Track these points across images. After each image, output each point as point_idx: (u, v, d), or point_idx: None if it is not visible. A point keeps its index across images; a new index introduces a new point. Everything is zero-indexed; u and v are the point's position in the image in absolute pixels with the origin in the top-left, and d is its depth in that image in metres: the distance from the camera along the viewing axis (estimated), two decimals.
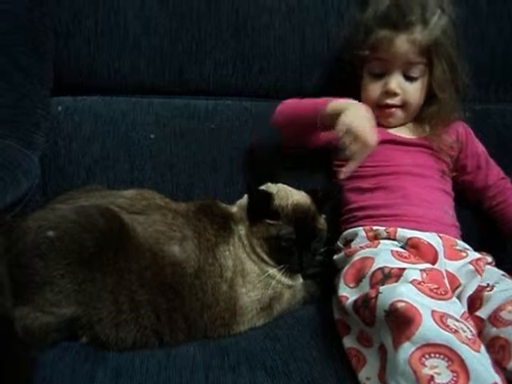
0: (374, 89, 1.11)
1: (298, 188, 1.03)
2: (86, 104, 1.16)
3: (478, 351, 0.69)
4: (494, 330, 0.79)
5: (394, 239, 0.98)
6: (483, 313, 0.84)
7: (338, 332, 0.88)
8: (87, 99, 1.17)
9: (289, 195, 0.98)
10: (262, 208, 0.94)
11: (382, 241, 0.97)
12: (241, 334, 0.90)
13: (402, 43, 1.05)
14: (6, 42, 1.06)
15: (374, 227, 1.01)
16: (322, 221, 1.00)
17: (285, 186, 1.02)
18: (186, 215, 0.94)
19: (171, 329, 0.84)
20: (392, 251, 0.91)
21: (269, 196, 0.95)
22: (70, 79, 1.16)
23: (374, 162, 1.09)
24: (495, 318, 0.81)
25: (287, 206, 0.95)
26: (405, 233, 0.98)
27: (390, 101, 1.09)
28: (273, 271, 0.93)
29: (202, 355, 0.82)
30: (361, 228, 1.03)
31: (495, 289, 0.87)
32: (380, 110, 1.11)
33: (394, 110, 1.11)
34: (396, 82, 1.08)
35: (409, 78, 1.08)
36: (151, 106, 1.18)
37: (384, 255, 0.90)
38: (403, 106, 1.10)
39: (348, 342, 0.84)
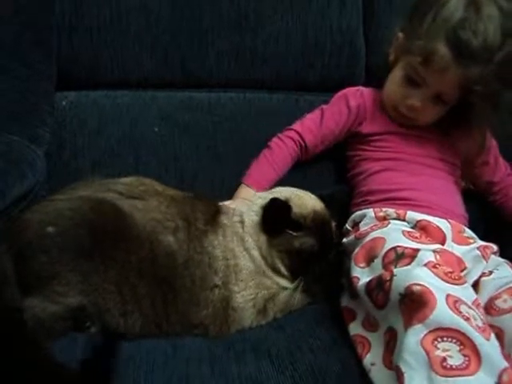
0: (399, 93, 1.05)
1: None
2: (89, 98, 1.17)
3: (488, 339, 0.69)
4: (488, 319, 0.79)
5: (404, 220, 0.97)
6: (480, 300, 0.83)
7: (342, 321, 0.88)
8: (91, 94, 1.17)
9: (304, 202, 0.95)
10: (281, 219, 0.90)
11: (391, 221, 0.97)
12: None
13: (453, 76, 0.95)
14: (10, 38, 1.07)
15: (384, 208, 1.01)
16: (334, 229, 0.97)
17: (292, 189, 1.00)
18: (182, 201, 0.94)
19: (167, 321, 0.85)
20: (403, 231, 0.90)
21: (288, 206, 0.91)
22: (74, 74, 1.16)
23: (385, 148, 1.09)
24: (491, 307, 0.81)
25: (308, 215, 0.92)
26: (414, 215, 0.97)
27: (406, 112, 1.06)
28: (292, 286, 0.91)
29: (207, 346, 0.83)
30: (370, 209, 1.02)
31: (493, 275, 0.88)
32: (395, 111, 1.09)
33: (406, 118, 1.08)
34: (422, 101, 1.02)
35: (437, 100, 1.02)
36: (154, 100, 1.18)
37: (395, 235, 0.89)
38: (417, 119, 1.07)
39: (353, 329, 0.85)
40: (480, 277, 0.89)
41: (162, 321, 0.84)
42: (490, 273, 0.88)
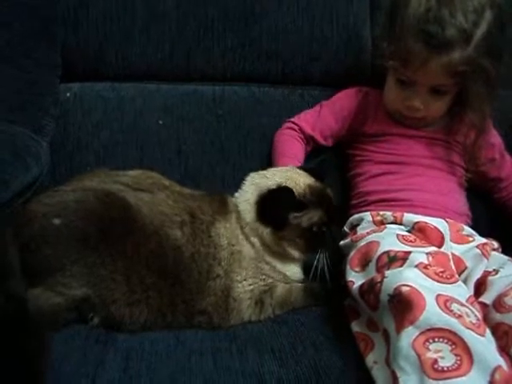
0: (397, 97, 1.06)
1: None
2: (94, 90, 1.17)
3: (483, 335, 0.68)
4: (497, 316, 0.79)
5: (401, 223, 0.98)
6: (487, 298, 0.84)
7: (345, 317, 0.88)
8: (95, 85, 1.17)
9: (296, 181, 0.94)
10: (287, 204, 0.90)
11: (388, 225, 0.97)
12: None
13: (436, 67, 0.95)
14: (15, 29, 1.06)
15: (381, 212, 1.01)
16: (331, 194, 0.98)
17: (278, 170, 1.00)
18: (189, 197, 0.94)
19: (173, 311, 0.85)
20: (398, 235, 0.90)
21: (292, 192, 0.90)
22: (79, 65, 1.16)
23: (387, 149, 1.09)
24: (499, 304, 0.81)
25: (305, 191, 0.92)
26: (411, 217, 0.98)
27: (410, 114, 1.06)
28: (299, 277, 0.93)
29: (210, 339, 0.83)
30: (368, 213, 1.03)
31: (499, 273, 0.87)
32: (401, 115, 1.09)
33: (414, 120, 1.08)
34: (420, 99, 1.02)
35: (435, 93, 1.02)
36: (159, 92, 1.18)
37: (389, 239, 0.89)
38: (424, 117, 1.07)
39: (356, 327, 0.84)
40: (486, 276, 0.89)
41: (167, 311, 0.85)
42: (496, 272, 0.88)
